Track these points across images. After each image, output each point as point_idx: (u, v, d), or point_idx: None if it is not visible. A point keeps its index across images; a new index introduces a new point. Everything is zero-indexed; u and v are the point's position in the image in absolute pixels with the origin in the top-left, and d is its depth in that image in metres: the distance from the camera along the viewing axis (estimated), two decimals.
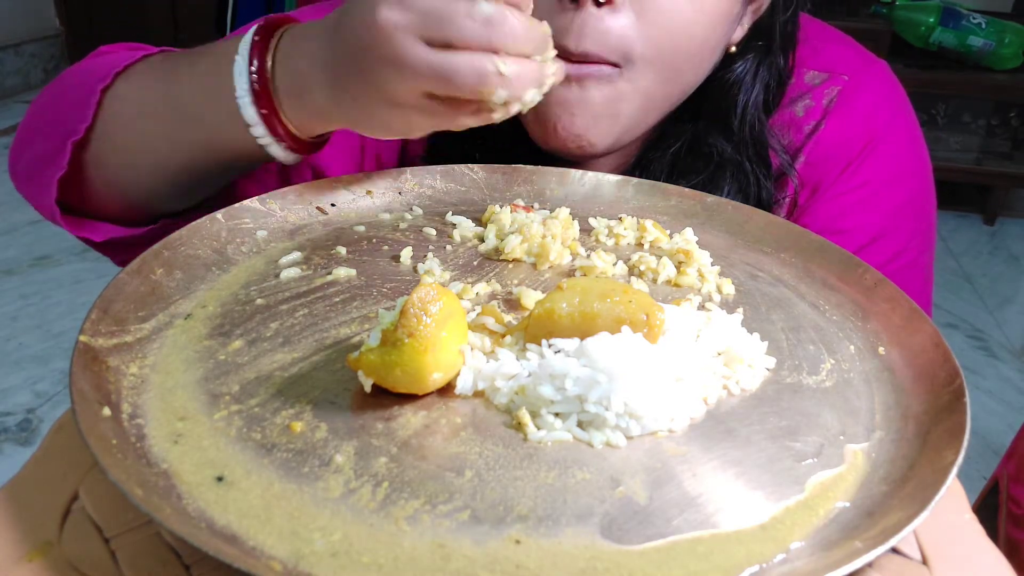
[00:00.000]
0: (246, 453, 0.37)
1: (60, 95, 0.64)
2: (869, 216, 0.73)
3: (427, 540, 0.33)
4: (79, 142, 0.59)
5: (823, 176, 0.73)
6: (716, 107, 0.70)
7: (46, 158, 0.60)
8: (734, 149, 0.70)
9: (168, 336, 0.45)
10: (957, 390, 0.42)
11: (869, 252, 0.72)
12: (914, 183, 0.76)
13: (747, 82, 0.69)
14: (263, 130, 0.54)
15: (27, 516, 0.35)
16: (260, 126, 0.54)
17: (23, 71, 3.63)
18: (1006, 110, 2.74)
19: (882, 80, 0.75)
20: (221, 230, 0.53)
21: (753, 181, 0.70)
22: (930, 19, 2.60)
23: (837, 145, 0.72)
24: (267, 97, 0.54)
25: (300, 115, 0.55)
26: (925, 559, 0.36)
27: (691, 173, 0.70)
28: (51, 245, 2.38)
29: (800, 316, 0.51)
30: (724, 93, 0.69)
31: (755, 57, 0.69)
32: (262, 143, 0.55)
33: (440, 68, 0.47)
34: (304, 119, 0.55)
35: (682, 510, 0.36)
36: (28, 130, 0.65)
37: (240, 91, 0.54)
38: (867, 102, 0.73)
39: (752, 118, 0.70)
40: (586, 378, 0.39)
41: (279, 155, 0.56)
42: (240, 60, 0.54)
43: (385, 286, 0.51)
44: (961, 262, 2.58)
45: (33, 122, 0.65)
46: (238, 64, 0.54)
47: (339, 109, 0.53)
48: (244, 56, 0.54)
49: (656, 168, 0.71)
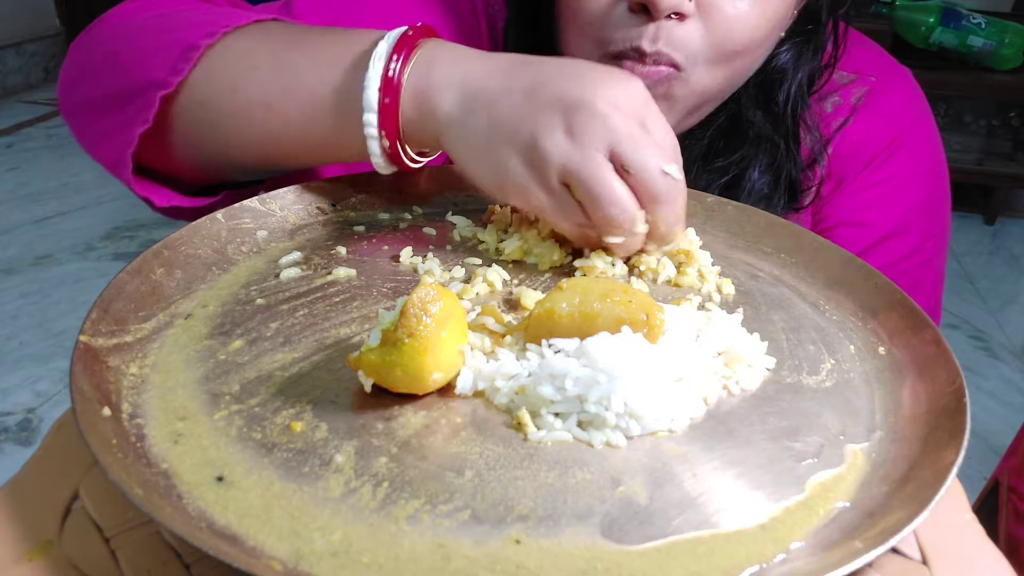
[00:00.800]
0: (246, 453, 0.37)
1: (139, 37, 0.57)
2: (889, 211, 0.76)
3: (427, 540, 0.33)
4: (168, 96, 0.54)
5: (847, 170, 0.76)
6: (760, 85, 0.72)
7: (118, 103, 0.55)
8: (772, 127, 0.72)
9: (168, 336, 0.45)
10: (958, 391, 0.42)
11: (887, 246, 0.75)
12: (932, 184, 0.79)
13: (793, 64, 0.72)
14: (375, 118, 0.51)
15: (27, 516, 0.35)
16: (374, 113, 0.51)
17: (24, 70, 3.63)
18: (1007, 110, 2.74)
19: (908, 84, 0.79)
20: (221, 230, 0.53)
21: (786, 159, 0.72)
22: (930, 19, 2.60)
23: (863, 141, 0.75)
24: (395, 90, 0.51)
25: (416, 120, 0.52)
26: (925, 559, 0.36)
27: (727, 152, 0.72)
28: (51, 244, 2.39)
29: (800, 316, 0.51)
30: (770, 74, 0.72)
31: (802, 41, 0.72)
32: (369, 133, 0.52)
33: (602, 185, 0.48)
34: (417, 125, 0.53)
35: (682, 510, 0.36)
36: (89, 64, 0.59)
37: (371, 75, 0.51)
38: (893, 103, 0.77)
39: (795, 98, 0.72)
40: (586, 378, 0.39)
41: (375, 151, 0.53)
42: (383, 46, 0.51)
43: (385, 286, 0.51)
44: (962, 263, 2.58)
45: (97, 55, 0.59)
46: (378, 50, 0.51)
47: (457, 126, 0.51)
48: (390, 43, 0.51)
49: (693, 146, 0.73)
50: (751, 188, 0.72)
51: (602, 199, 0.48)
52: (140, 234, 2.48)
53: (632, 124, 0.48)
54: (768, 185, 0.72)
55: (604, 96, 0.48)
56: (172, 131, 0.56)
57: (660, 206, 0.49)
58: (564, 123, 0.48)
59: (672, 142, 0.50)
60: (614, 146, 0.48)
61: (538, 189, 0.50)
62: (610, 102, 0.48)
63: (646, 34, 0.61)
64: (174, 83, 0.53)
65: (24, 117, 3.35)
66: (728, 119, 0.73)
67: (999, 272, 2.58)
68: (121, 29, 0.59)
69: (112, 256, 2.36)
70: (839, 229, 0.76)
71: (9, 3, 3.51)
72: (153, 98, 0.53)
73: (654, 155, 0.48)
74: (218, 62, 0.55)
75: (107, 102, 0.56)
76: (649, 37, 0.61)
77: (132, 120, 0.54)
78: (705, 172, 0.73)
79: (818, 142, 0.74)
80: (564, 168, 0.48)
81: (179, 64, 0.54)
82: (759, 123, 0.72)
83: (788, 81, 0.72)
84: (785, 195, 0.73)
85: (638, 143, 0.48)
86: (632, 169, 0.48)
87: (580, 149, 0.48)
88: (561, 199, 0.50)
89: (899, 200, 0.76)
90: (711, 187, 0.72)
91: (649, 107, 0.50)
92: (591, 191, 0.48)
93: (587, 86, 0.48)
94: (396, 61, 0.51)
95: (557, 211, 0.50)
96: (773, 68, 0.71)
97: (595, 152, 0.48)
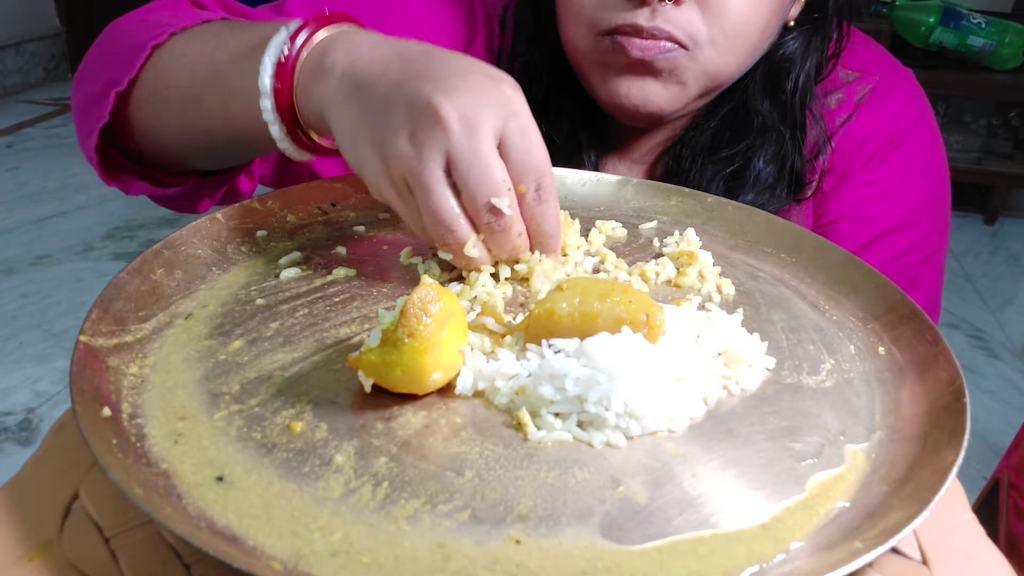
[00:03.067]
0: (246, 453, 0.37)
1: (116, 42, 0.63)
2: (889, 207, 0.77)
3: (427, 540, 0.33)
4: (122, 92, 0.58)
5: (849, 166, 0.76)
6: (768, 75, 0.73)
7: (92, 102, 0.60)
8: (779, 116, 0.72)
9: (168, 336, 0.45)
10: (957, 390, 0.42)
11: (887, 242, 0.76)
12: (933, 182, 0.80)
13: (801, 53, 0.72)
14: (270, 103, 0.51)
15: (27, 516, 0.35)
16: (269, 98, 0.51)
17: (24, 70, 3.64)
18: (1006, 110, 2.74)
19: (910, 84, 0.80)
20: (221, 230, 0.53)
21: (791, 149, 0.73)
22: (930, 19, 2.60)
23: (865, 137, 0.76)
24: (288, 75, 0.51)
25: (308, 104, 0.52)
26: (925, 559, 0.36)
27: (733, 142, 0.73)
28: (51, 244, 2.39)
29: (800, 316, 0.51)
30: (778, 63, 0.72)
31: (809, 30, 0.72)
32: (267, 118, 0.52)
33: (431, 200, 0.46)
34: (310, 108, 0.52)
35: (682, 510, 0.36)
36: (85, 68, 0.64)
37: (266, 62, 0.51)
38: (896, 101, 0.77)
39: (803, 88, 0.73)
40: (586, 378, 0.39)
41: (278, 136, 0.53)
42: (282, 33, 0.51)
43: (385, 286, 0.51)
44: (962, 262, 2.58)
45: (90, 62, 0.64)
46: (276, 38, 0.51)
47: (336, 109, 0.50)
48: (289, 30, 0.51)
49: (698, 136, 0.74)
50: (756, 178, 0.72)
51: (429, 213, 0.46)
52: (140, 234, 2.48)
53: (476, 139, 0.45)
54: (772, 175, 0.73)
55: (456, 102, 0.45)
56: (131, 125, 0.61)
57: (486, 236, 0.48)
58: (411, 124, 0.46)
59: (534, 161, 0.47)
60: (450, 160, 0.45)
61: (387, 186, 0.48)
62: (459, 109, 0.45)
63: (641, 15, 0.62)
64: (125, 81, 0.58)
65: (24, 117, 3.35)
66: (733, 109, 0.73)
67: (999, 272, 2.58)
68: (108, 36, 0.65)
69: (112, 256, 2.36)
70: (840, 224, 0.77)
71: (9, 3, 3.51)
72: (109, 96, 0.58)
73: (483, 182, 0.45)
74: (161, 61, 0.59)
75: (86, 103, 0.61)
76: (645, 16, 0.62)
77: (97, 117, 0.59)
78: (710, 162, 0.73)
79: (823, 134, 0.74)
80: (404, 172, 0.46)
81: (131, 64, 0.58)
82: (766, 112, 0.72)
83: (796, 70, 0.72)
84: (789, 185, 0.73)
85: (472, 165, 0.45)
86: (461, 192, 0.46)
87: (418, 157, 0.45)
88: (407, 201, 0.48)
89: (900, 197, 0.77)
90: (716, 177, 0.73)
91: (513, 119, 0.47)
92: (421, 202, 0.47)
93: (441, 88, 0.45)
94: (291, 47, 0.51)
95: (405, 212, 0.49)
96: (781, 57, 0.72)
97: (431, 163, 0.45)
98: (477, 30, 0.76)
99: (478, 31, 0.76)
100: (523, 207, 0.48)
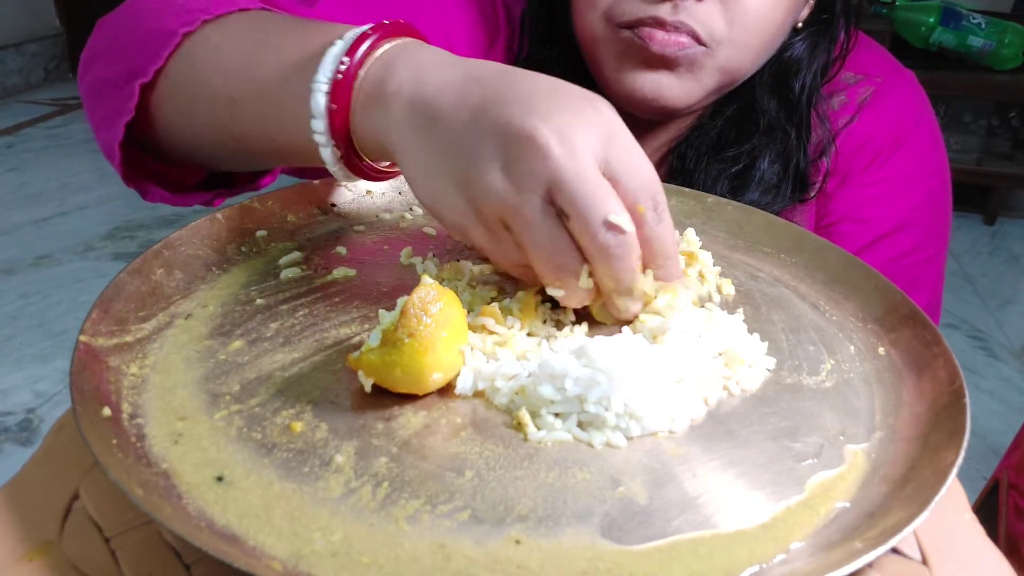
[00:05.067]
0: (246, 453, 0.37)
1: (139, 21, 0.57)
2: (891, 208, 0.77)
3: (427, 540, 0.33)
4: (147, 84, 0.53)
5: (852, 167, 0.77)
6: (775, 75, 0.73)
7: (109, 88, 0.55)
8: (786, 116, 0.73)
9: (168, 336, 0.45)
10: (957, 390, 0.42)
11: (888, 242, 0.76)
12: (934, 183, 0.80)
13: (809, 54, 0.73)
14: (323, 125, 0.46)
15: (27, 516, 0.35)
16: (323, 120, 0.46)
17: (24, 70, 3.63)
18: (1006, 110, 2.74)
19: (912, 86, 0.80)
20: (221, 230, 0.53)
21: (796, 149, 0.73)
22: (930, 19, 2.60)
23: (867, 139, 0.77)
24: (345, 95, 0.46)
25: (367, 130, 0.47)
26: (925, 559, 0.36)
27: (738, 142, 0.73)
28: (51, 244, 2.39)
29: (800, 316, 0.51)
30: (786, 63, 0.73)
31: (817, 31, 0.73)
32: (318, 140, 0.47)
33: (536, 233, 0.41)
34: (368, 134, 0.47)
35: (682, 510, 0.36)
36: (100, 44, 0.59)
37: (320, 78, 0.46)
38: (898, 103, 0.78)
39: (810, 88, 0.74)
40: (586, 378, 0.39)
41: (329, 160, 0.48)
42: (338, 45, 0.46)
43: (385, 286, 0.51)
44: (962, 262, 2.58)
45: (106, 39, 0.59)
46: (332, 50, 0.46)
47: (404, 142, 0.45)
48: (346, 42, 0.46)
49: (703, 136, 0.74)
50: (760, 178, 0.73)
51: (535, 249, 0.42)
52: (140, 234, 2.48)
53: (580, 161, 0.40)
54: (777, 175, 0.73)
55: (551, 125, 0.40)
56: (154, 120, 0.56)
57: (602, 263, 0.42)
58: (503, 156, 0.41)
59: (645, 179, 0.42)
60: (553, 187, 0.40)
61: (477, 227, 0.44)
62: (557, 132, 0.40)
63: (663, 9, 0.62)
64: (151, 71, 0.53)
65: (24, 117, 3.35)
66: (740, 108, 0.74)
67: (998, 272, 2.58)
68: (128, 12, 0.59)
69: (112, 256, 2.36)
70: (842, 224, 0.77)
71: (9, 3, 3.51)
72: (134, 88, 0.53)
73: (599, 201, 0.40)
74: (193, 52, 0.53)
75: (105, 87, 0.56)
76: (667, 10, 0.62)
77: (120, 110, 0.54)
78: (716, 161, 0.73)
79: (827, 134, 0.75)
80: (499, 209, 0.42)
81: (158, 52, 0.53)
82: (773, 112, 0.73)
83: (804, 70, 0.73)
84: (793, 185, 0.74)
85: (580, 186, 0.40)
86: (571, 217, 0.41)
87: (516, 190, 0.41)
88: (501, 239, 0.44)
89: (901, 197, 0.77)
90: (721, 177, 0.73)
91: (616, 140, 0.42)
92: (524, 239, 0.42)
93: (534, 112, 0.40)
94: (350, 62, 0.45)
95: (497, 252, 0.44)
96: (789, 57, 0.72)
97: (531, 195, 0.40)
98: (499, 30, 0.76)
99: (499, 31, 0.76)
100: (641, 230, 0.43)
